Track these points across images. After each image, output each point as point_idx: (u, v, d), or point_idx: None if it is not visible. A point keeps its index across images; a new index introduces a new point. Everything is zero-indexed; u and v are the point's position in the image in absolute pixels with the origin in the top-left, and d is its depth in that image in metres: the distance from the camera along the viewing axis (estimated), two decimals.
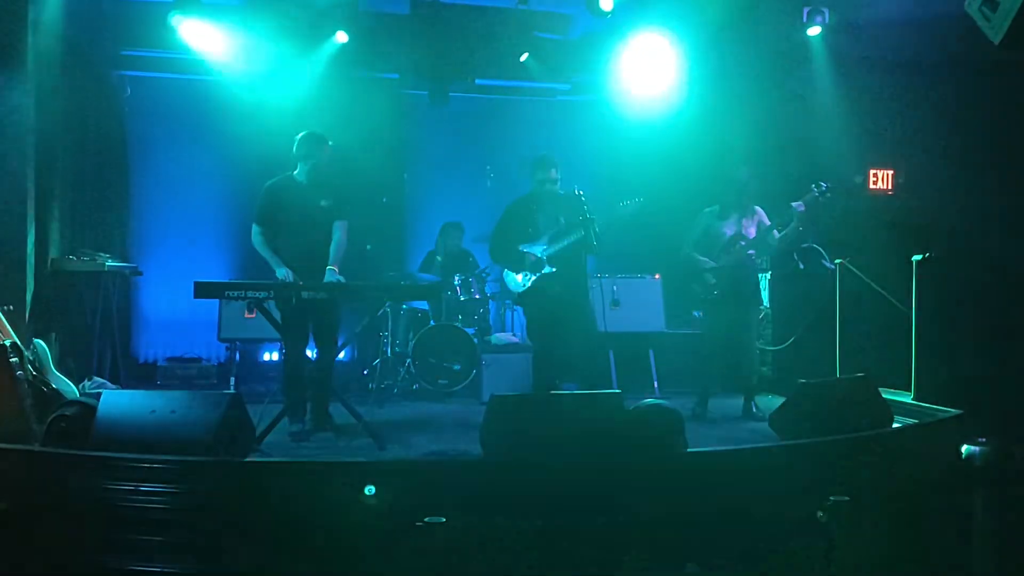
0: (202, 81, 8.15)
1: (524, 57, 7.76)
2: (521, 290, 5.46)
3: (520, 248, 5.47)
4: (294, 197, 5.25)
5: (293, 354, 5.22)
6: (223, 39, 7.14)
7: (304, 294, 4.88)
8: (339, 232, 5.30)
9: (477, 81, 8.20)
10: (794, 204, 5.66)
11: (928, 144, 7.33)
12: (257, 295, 4.78)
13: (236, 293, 4.77)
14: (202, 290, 4.72)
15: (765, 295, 6.83)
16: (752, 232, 5.84)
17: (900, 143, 7.44)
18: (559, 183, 5.49)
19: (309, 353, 5.40)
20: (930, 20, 6.71)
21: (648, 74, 7.62)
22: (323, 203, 5.27)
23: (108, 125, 7.37)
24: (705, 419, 5.92)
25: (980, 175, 7.24)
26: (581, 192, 5.39)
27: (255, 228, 5.25)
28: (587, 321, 5.41)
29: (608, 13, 7.03)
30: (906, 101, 7.35)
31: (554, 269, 5.36)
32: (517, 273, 5.51)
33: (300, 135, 5.33)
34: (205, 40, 6.94)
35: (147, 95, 8.05)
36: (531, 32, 7.53)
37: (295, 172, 5.32)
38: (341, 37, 7.45)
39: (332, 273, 5.18)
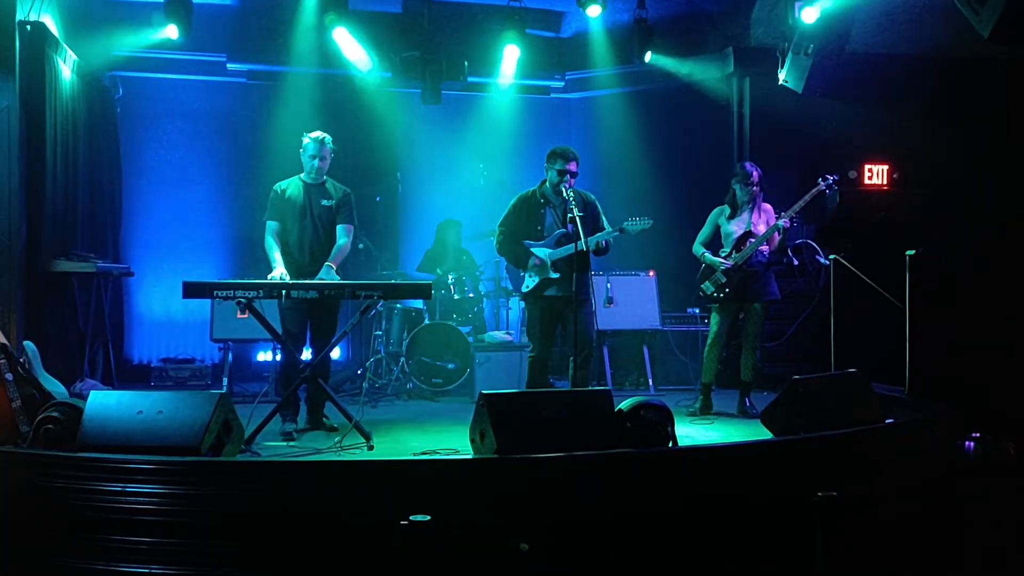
0: (194, 81, 8.15)
1: (516, 56, 7.73)
2: (524, 290, 5.43)
3: (526, 246, 5.37)
4: (299, 197, 5.34)
5: (290, 353, 5.23)
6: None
7: (299, 293, 4.86)
8: (345, 236, 5.38)
9: (469, 79, 8.16)
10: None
11: (923, 138, 7.31)
12: (246, 295, 4.75)
13: (225, 293, 4.74)
14: (191, 290, 4.71)
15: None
16: (762, 229, 5.86)
17: (895, 137, 7.43)
18: (575, 180, 5.30)
19: (305, 353, 5.40)
20: (923, 14, 6.71)
21: None
22: (325, 203, 5.36)
23: (100, 125, 7.33)
24: (710, 415, 5.93)
25: (975, 169, 7.23)
26: (593, 198, 5.42)
27: (268, 225, 5.33)
28: (586, 327, 5.31)
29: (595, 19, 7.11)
30: (901, 95, 7.33)
31: (558, 275, 5.27)
32: (521, 271, 5.46)
33: (306, 136, 5.37)
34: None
35: (139, 95, 8.03)
36: (523, 29, 7.50)
37: (302, 174, 5.41)
38: (339, 34, 7.40)
39: (329, 271, 5.20)
